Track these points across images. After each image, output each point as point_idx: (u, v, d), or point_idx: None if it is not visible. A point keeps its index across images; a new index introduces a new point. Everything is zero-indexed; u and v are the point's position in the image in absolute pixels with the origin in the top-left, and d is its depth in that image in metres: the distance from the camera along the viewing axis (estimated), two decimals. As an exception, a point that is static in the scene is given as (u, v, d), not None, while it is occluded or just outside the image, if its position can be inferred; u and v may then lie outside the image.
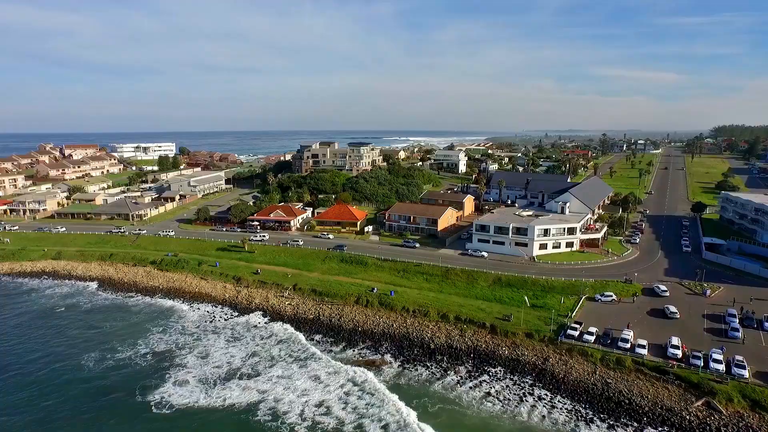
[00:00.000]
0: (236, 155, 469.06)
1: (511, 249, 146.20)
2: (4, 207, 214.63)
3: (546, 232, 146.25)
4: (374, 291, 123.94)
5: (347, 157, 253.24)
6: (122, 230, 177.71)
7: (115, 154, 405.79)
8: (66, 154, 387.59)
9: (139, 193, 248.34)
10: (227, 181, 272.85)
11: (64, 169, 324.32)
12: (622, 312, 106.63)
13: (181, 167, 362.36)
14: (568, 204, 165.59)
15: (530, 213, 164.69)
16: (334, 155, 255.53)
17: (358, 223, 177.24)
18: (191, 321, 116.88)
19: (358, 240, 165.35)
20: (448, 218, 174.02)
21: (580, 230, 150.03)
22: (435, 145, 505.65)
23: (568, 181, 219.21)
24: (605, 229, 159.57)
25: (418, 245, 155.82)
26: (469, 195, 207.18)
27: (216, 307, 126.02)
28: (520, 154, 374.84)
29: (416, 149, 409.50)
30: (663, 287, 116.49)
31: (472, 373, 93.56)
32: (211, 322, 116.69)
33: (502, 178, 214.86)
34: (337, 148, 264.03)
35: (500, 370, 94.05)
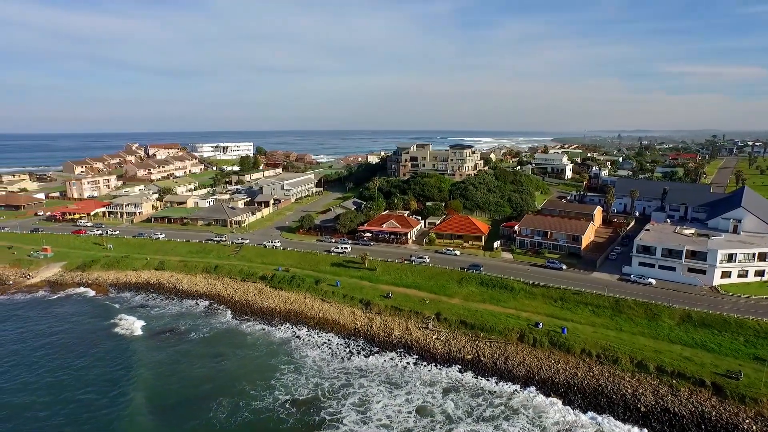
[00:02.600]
0: (311, 155, 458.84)
1: (683, 276, 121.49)
2: (103, 209, 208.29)
3: (731, 258, 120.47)
4: (540, 327, 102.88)
5: (449, 160, 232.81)
6: (224, 239, 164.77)
7: (196, 154, 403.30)
8: (150, 154, 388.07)
9: (227, 196, 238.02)
10: (317, 184, 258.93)
11: (150, 169, 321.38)
12: None
13: (260, 168, 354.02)
14: (742, 221, 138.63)
15: (692, 231, 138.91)
16: (434, 158, 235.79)
17: (483, 236, 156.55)
18: (324, 357, 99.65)
19: (489, 257, 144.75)
20: (589, 234, 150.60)
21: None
22: (519, 147, 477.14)
23: (711, 191, 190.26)
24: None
25: (564, 267, 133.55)
26: (598, 206, 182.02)
27: (348, 338, 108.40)
28: (621, 159, 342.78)
29: (503, 152, 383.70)
30: None
31: (715, 456, 70.98)
32: (349, 359, 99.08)
33: (635, 188, 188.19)
34: (438, 151, 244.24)
35: (753, 454, 70.99)
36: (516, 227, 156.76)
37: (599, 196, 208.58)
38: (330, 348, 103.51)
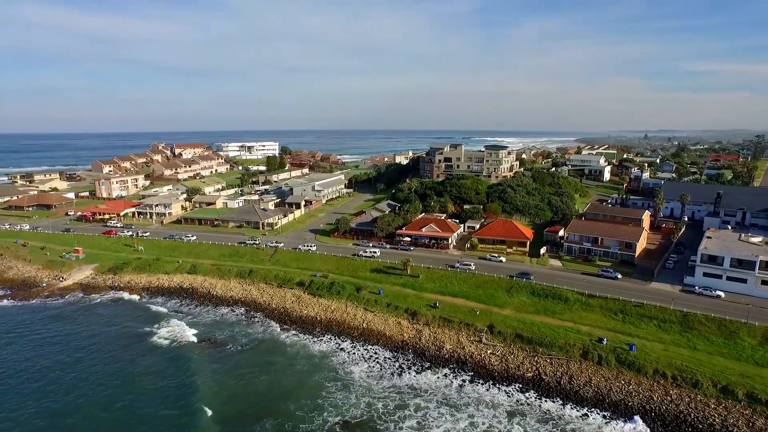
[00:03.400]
0: (336, 155, 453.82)
1: (757, 289, 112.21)
2: (132, 210, 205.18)
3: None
4: (604, 342, 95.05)
5: (484, 161, 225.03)
6: (257, 242, 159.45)
7: (221, 154, 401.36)
8: (176, 153, 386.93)
9: (256, 197, 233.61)
10: (346, 185, 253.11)
11: (176, 169, 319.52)
12: None
13: (285, 168, 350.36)
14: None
15: (760, 239, 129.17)
16: (469, 159, 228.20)
17: (528, 242, 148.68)
18: (373, 373, 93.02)
19: (536, 265, 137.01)
20: (642, 241, 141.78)
21: None
22: (547, 148, 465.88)
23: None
24: None
25: (619, 276, 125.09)
26: (646, 211, 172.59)
27: (396, 352, 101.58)
28: (658, 160, 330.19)
29: (533, 152, 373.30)
30: None
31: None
32: (399, 375, 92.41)
33: (685, 191, 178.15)
34: (473, 151, 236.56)
35: None
36: (561, 232, 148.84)
37: (643, 200, 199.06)
38: (378, 362, 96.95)
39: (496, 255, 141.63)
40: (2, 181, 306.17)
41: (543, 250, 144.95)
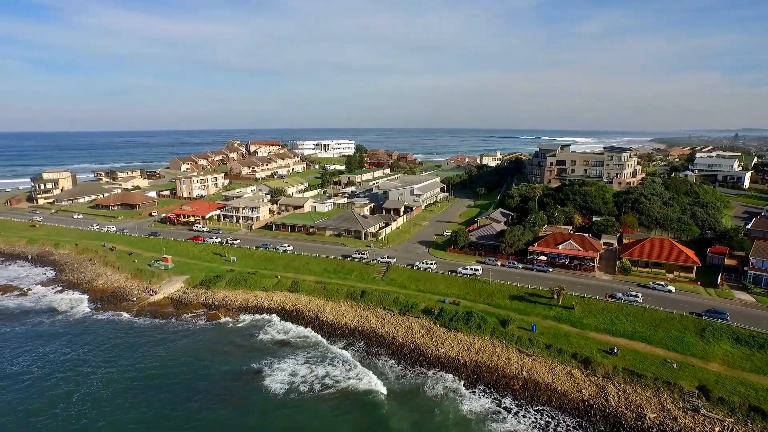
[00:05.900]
0: (412, 154, 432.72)
1: None
2: (217, 212, 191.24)
3: None
4: None
5: (603, 165, 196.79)
6: (365, 256, 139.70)
7: (297, 152, 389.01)
8: (251, 151, 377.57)
9: (344, 200, 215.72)
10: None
11: (253, 167, 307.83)
12: None
13: (363, 167, 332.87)
14: None
15: None
16: (585, 162, 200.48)
17: (695, 267, 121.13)
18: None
19: (716, 297, 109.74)
20: None
21: None
22: (644, 149, 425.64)
23: None
24: None
25: None
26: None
27: (579, 418, 77.60)
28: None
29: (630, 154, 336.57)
30: None
31: None
32: (597, 456, 69.07)
33: None
34: (590, 154, 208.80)
35: None
36: (748, 258, 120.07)
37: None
38: (558, 435, 73.86)
39: (662, 283, 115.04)
40: (88, 178, 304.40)
41: (719, 279, 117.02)
